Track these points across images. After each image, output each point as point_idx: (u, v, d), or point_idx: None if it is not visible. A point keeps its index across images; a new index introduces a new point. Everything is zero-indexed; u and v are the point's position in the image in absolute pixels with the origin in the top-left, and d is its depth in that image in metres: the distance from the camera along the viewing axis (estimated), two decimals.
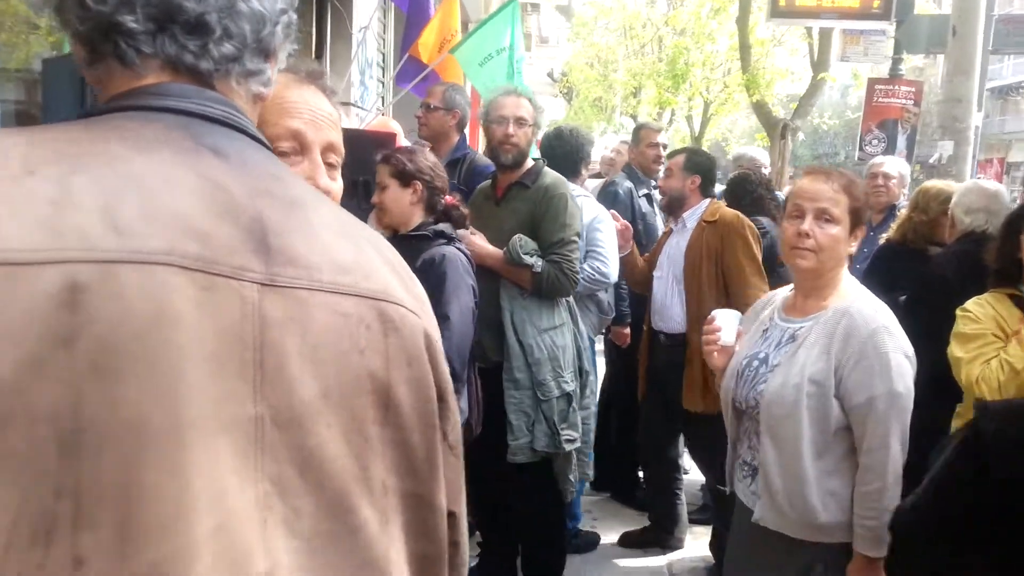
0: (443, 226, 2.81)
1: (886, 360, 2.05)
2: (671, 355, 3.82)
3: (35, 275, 0.62)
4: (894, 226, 4.00)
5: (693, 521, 4.23)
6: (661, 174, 4.37)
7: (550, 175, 3.34)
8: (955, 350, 2.62)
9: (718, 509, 3.72)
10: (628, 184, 4.73)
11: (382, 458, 0.79)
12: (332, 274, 0.77)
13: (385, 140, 3.44)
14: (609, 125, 25.90)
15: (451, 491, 0.89)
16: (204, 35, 0.80)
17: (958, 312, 2.67)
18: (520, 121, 3.23)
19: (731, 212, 3.83)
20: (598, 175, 7.59)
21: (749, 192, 4.45)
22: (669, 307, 3.84)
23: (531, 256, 3.12)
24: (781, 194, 5.63)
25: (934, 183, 4.03)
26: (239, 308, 0.70)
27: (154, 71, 0.79)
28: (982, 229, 3.27)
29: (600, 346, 5.38)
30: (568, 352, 3.27)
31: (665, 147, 4.89)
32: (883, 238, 4.11)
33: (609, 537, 4.19)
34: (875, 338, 2.06)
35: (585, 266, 3.65)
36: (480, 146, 4.26)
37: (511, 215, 3.25)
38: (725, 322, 2.39)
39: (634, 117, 25.26)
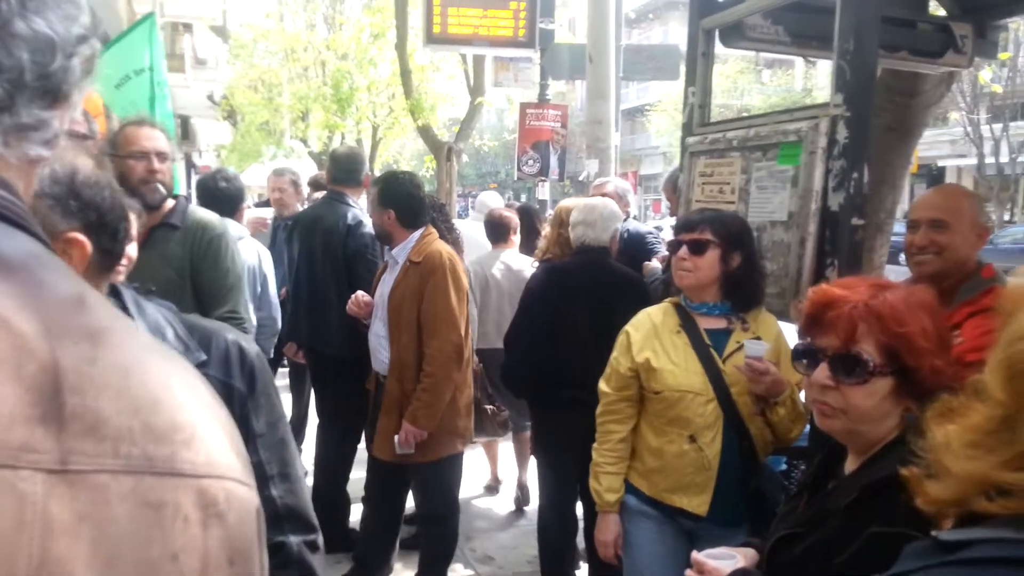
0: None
1: None
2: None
3: None
4: (542, 245, 4.28)
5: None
6: None
7: (200, 212, 3.07)
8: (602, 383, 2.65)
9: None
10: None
11: None
12: (144, 444, 0.52)
13: None
14: (279, 149, 25.29)
15: None
16: None
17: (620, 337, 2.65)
18: (162, 156, 2.87)
19: (438, 251, 3.46)
20: (266, 203, 7.26)
21: None
22: (382, 350, 3.55)
23: None
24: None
25: (571, 200, 4.39)
26: (15, 513, 0.46)
27: None
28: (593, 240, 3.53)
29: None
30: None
31: None
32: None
33: None
34: None
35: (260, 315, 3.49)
36: None
37: (162, 263, 2.89)
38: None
39: (304, 141, 24.91)
